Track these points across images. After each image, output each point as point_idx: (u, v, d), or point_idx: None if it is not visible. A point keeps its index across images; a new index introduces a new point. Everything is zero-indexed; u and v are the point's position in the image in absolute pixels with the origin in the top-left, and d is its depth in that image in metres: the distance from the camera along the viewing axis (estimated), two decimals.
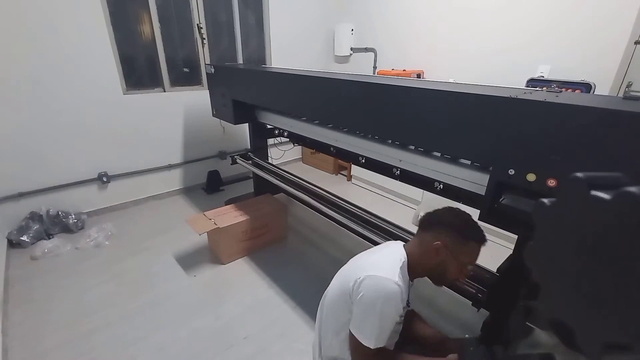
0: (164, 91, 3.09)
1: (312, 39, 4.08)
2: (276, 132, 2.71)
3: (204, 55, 3.28)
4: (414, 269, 1.07)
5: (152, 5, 2.83)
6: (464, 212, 1.08)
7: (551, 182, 0.90)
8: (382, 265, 1.03)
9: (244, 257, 2.39)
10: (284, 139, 2.64)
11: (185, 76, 3.24)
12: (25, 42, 2.34)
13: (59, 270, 2.23)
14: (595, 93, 2.15)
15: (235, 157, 2.81)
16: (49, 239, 2.54)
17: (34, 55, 2.39)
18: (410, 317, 1.31)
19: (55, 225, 2.64)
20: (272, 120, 2.52)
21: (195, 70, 3.29)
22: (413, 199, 3.12)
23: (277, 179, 2.45)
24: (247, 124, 2.89)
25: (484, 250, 1.04)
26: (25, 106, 2.44)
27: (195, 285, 2.13)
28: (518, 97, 0.96)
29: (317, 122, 2.05)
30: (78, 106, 2.66)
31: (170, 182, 3.35)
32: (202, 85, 3.32)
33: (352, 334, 1.01)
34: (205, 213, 2.36)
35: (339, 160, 3.93)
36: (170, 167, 3.28)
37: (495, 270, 1.44)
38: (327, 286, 1.17)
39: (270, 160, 3.00)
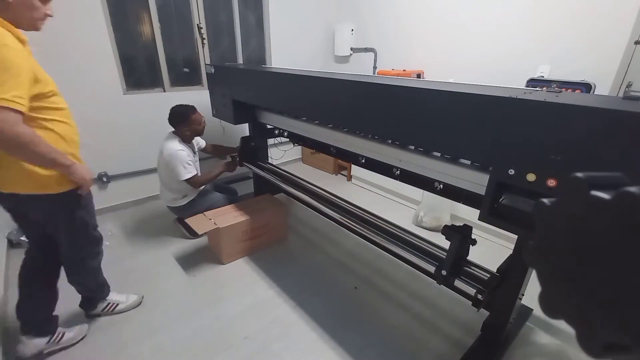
0: (164, 91, 3.09)
1: (312, 39, 4.08)
2: (276, 132, 2.71)
3: (204, 55, 3.28)
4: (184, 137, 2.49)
5: (152, 5, 2.83)
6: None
7: (551, 182, 0.90)
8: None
9: (244, 257, 2.39)
10: (284, 139, 2.63)
11: (185, 76, 3.24)
12: None
13: None
14: (595, 93, 2.15)
15: (235, 157, 2.81)
16: None
17: (33, 56, 2.38)
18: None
19: None
20: (272, 120, 2.52)
21: (195, 70, 3.29)
22: (413, 199, 3.12)
23: (277, 179, 2.45)
24: (247, 124, 2.89)
25: (484, 250, 1.04)
26: None
27: (195, 285, 2.13)
28: (518, 97, 0.96)
29: (317, 122, 2.05)
30: (78, 106, 2.63)
31: None
32: (202, 85, 3.32)
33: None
34: (205, 213, 2.36)
35: (339, 160, 3.93)
36: None
37: (495, 270, 1.44)
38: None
39: (270, 160, 3.00)
